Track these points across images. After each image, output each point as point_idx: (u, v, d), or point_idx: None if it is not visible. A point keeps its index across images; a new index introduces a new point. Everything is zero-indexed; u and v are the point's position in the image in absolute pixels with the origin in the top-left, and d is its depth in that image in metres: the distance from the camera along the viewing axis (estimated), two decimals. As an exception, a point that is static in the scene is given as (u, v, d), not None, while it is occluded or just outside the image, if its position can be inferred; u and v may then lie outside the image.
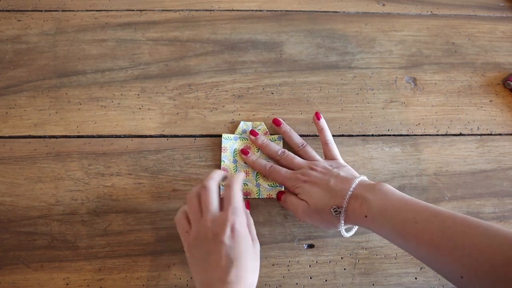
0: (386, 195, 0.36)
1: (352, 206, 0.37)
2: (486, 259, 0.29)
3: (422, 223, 0.33)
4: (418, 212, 0.34)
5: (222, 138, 0.48)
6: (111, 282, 0.41)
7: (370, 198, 0.36)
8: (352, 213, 0.37)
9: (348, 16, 0.59)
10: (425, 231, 0.32)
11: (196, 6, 0.58)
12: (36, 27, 0.56)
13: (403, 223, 0.34)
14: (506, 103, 0.53)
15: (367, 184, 0.38)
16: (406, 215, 0.34)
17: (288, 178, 0.43)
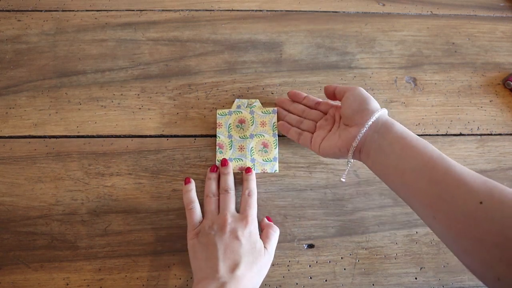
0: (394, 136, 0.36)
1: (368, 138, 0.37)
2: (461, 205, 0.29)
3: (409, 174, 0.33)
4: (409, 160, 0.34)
5: (217, 114, 0.49)
6: (111, 282, 0.41)
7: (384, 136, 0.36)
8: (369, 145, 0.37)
9: (348, 16, 0.59)
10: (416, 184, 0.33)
11: (196, 6, 0.58)
12: (36, 27, 0.56)
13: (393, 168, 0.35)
14: (506, 103, 0.53)
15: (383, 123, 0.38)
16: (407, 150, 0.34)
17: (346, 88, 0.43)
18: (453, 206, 0.29)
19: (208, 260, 0.37)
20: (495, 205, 0.27)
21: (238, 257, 0.36)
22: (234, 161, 0.47)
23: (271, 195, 0.46)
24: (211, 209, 0.41)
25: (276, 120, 0.48)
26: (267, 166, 0.46)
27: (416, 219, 0.45)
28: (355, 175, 0.47)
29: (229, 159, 0.47)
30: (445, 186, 0.30)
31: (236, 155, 0.47)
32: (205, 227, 0.39)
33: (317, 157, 0.48)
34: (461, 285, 0.43)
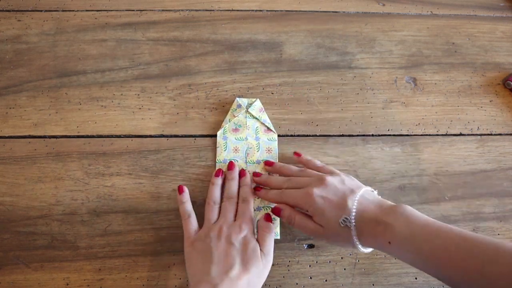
0: (410, 220, 0.34)
1: (374, 231, 0.35)
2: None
3: (452, 250, 0.31)
4: (446, 238, 0.32)
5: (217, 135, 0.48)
6: (111, 282, 0.41)
7: (394, 224, 0.34)
8: (374, 239, 0.35)
9: (348, 16, 0.59)
10: (456, 258, 0.31)
11: (196, 6, 0.58)
12: (36, 27, 0.55)
13: (432, 251, 0.32)
14: (506, 103, 0.53)
15: (387, 207, 0.36)
16: (435, 242, 0.32)
17: (300, 197, 0.39)
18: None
19: (202, 265, 0.37)
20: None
21: (232, 259, 0.36)
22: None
23: (271, 195, 0.46)
24: (209, 218, 0.41)
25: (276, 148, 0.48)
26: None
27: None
28: (355, 175, 0.47)
29: (223, 160, 0.47)
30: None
31: (231, 156, 0.47)
32: (201, 236, 0.39)
33: (317, 157, 0.48)
34: (461, 285, 0.43)
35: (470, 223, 0.45)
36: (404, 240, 0.33)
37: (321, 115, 0.51)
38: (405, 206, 0.35)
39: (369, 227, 0.35)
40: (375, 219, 0.35)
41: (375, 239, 0.35)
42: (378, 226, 0.35)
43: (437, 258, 0.32)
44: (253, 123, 0.49)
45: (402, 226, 0.34)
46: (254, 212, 0.44)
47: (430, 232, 0.33)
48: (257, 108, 0.49)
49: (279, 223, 0.44)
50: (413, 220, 0.34)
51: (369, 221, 0.35)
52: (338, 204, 0.37)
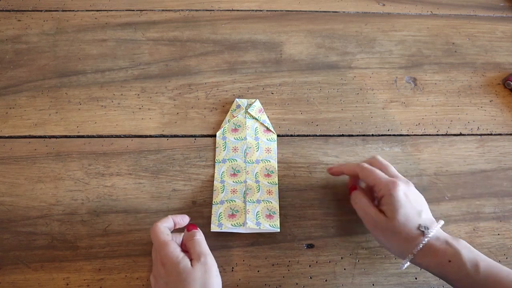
0: (471, 248, 0.34)
1: (435, 247, 0.34)
2: None
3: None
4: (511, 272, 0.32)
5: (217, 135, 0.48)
6: (111, 282, 0.41)
7: (455, 245, 0.34)
8: (433, 255, 0.34)
9: (348, 16, 0.59)
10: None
11: (196, 6, 0.58)
12: (36, 27, 0.56)
13: (496, 279, 0.32)
14: (506, 103, 0.53)
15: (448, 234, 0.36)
16: (500, 272, 0.32)
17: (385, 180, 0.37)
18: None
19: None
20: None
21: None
22: (228, 161, 0.47)
23: (271, 195, 0.46)
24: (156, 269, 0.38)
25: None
26: (272, 188, 0.45)
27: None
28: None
29: (222, 160, 0.47)
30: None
31: (230, 155, 0.47)
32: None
33: (317, 157, 0.48)
34: (461, 285, 0.43)
35: (470, 223, 0.45)
36: (466, 261, 0.33)
37: (321, 115, 0.51)
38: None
39: (432, 242, 0.35)
40: (438, 237, 0.35)
41: (435, 254, 0.34)
42: (441, 242, 0.34)
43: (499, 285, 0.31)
44: (252, 123, 0.49)
45: (465, 249, 0.34)
46: (253, 204, 0.44)
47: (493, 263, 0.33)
48: (257, 109, 0.49)
49: (278, 216, 0.44)
50: (474, 250, 0.34)
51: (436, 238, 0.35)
52: (415, 208, 0.36)
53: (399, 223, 0.35)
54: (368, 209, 0.38)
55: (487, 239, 0.45)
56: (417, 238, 0.35)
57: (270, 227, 0.43)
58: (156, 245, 0.36)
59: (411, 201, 0.37)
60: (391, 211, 0.36)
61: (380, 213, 0.37)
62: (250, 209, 0.43)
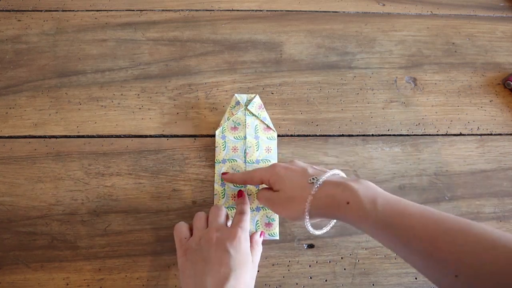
0: (372, 186, 0.34)
1: (332, 191, 0.34)
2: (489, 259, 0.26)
3: (416, 215, 0.30)
4: (410, 205, 0.31)
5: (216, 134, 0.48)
6: (111, 282, 0.41)
7: (355, 186, 0.33)
8: (331, 199, 0.34)
9: (348, 16, 0.59)
10: (419, 223, 0.29)
11: (196, 6, 0.58)
12: (36, 27, 0.56)
13: (394, 214, 0.31)
14: (506, 103, 0.53)
15: (348, 177, 0.36)
16: (398, 206, 0.31)
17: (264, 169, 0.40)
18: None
19: (196, 277, 0.35)
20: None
21: (228, 269, 0.34)
22: (228, 162, 0.47)
23: (271, 195, 0.46)
24: (197, 226, 0.39)
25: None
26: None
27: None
28: (355, 175, 0.47)
29: (222, 160, 0.46)
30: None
31: (230, 155, 0.47)
32: (192, 244, 0.37)
33: (317, 157, 0.48)
34: (461, 285, 0.43)
35: (470, 223, 0.45)
36: (364, 200, 0.32)
37: (321, 115, 0.51)
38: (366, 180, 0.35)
39: (329, 188, 0.34)
40: (336, 182, 0.35)
41: (333, 199, 0.34)
42: (338, 187, 0.34)
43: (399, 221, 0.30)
44: (252, 121, 0.48)
45: (364, 189, 0.33)
46: (252, 213, 0.44)
47: (393, 198, 0.32)
48: (257, 105, 0.49)
49: (277, 223, 0.44)
50: (376, 188, 0.34)
51: (330, 183, 0.35)
52: (299, 171, 0.37)
53: (288, 188, 0.37)
54: (265, 194, 0.39)
55: (487, 239, 0.45)
56: (310, 189, 0.35)
57: (269, 236, 0.43)
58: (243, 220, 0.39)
59: (293, 169, 0.38)
60: (279, 185, 0.37)
61: (274, 192, 0.38)
62: (250, 218, 0.43)
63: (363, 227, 0.33)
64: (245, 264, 0.35)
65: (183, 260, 0.37)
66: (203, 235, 0.37)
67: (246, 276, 0.35)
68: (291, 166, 0.39)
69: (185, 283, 0.35)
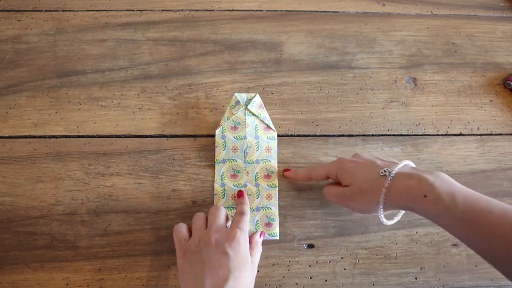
0: (449, 180, 0.33)
1: (407, 184, 0.33)
2: None
3: (498, 214, 0.29)
4: (490, 202, 0.31)
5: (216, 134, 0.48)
6: (111, 282, 0.41)
7: (431, 179, 0.32)
8: (407, 191, 0.33)
9: (348, 16, 0.59)
10: (501, 222, 0.29)
11: (196, 6, 0.58)
12: (36, 27, 0.56)
13: (474, 211, 0.30)
14: (506, 103, 0.53)
15: (421, 169, 0.36)
16: (478, 202, 0.30)
17: (331, 163, 0.40)
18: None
19: (195, 278, 0.34)
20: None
21: (227, 271, 0.34)
22: (228, 162, 0.46)
23: (271, 195, 0.46)
24: (197, 226, 0.39)
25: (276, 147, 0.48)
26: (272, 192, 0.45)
27: (416, 219, 0.45)
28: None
29: (222, 160, 0.46)
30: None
31: (230, 155, 0.47)
32: (191, 246, 0.37)
33: (317, 157, 0.48)
34: (461, 285, 0.43)
35: (470, 223, 0.45)
36: (443, 194, 0.31)
37: (321, 115, 0.51)
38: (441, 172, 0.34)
39: (403, 180, 0.34)
40: (410, 173, 0.34)
41: (409, 191, 0.33)
42: (412, 179, 0.33)
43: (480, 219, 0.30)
44: (252, 120, 0.48)
45: (441, 182, 0.33)
46: (252, 213, 0.44)
47: (472, 194, 0.32)
48: (257, 105, 0.48)
49: (277, 223, 0.44)
50: (451, 180, 0.33)
51: (402, 175, 0.34)
52: (368, 163, 0.37)
53: (360, 181, 0.37)
54: (334, 191, 0.40)
55: (487, 239, 0.45)
56: (383, 181, 0.35)
57: (269, 236, 0.43)
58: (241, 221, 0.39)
59: (361, 163, 0.38)
60: (349, 178, 0.38)
61: (343, 187, 0.39)
62: (250, 218, 0.43)
63: (440, 221, 0.33)
64: (244, 265, 0.35)
65: (182, 261, 0.37)
66: (202, 236, 0.37)
67: (245, 277, 0.35)
68: (358, 159, 0.39)
69: (185, 284, 0.35)
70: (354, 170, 0.38)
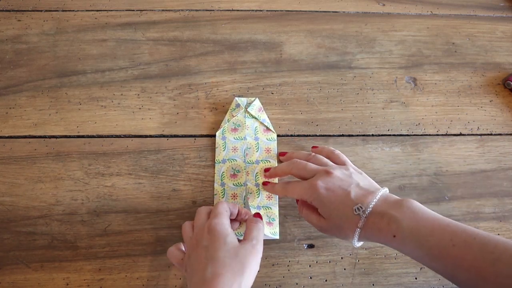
0: (416, 214, 0.33)
1: (378, 225, 0.34)
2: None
3: (461, 246, 0.30)
4: (454, 234, 0.31)
5: (216, 135, 0.48)
6: (111, 282, 0.41)
7: (399, 217, 0.33)
8: (378, 232, 0.34)
9: (348, 16, 0.59)
10: (465, 255, 0.30)
11: (196, 6, 0.58)
12: (36, 27, 0.56)
13: (439, 246, 0.31)
14: (506, 103, 0.53)
15: (393, 200, 0.35)
16: (442, 237, 0.31)
17: (305, 188, 0.39)
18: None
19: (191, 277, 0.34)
20: None
21: (204, 263, 0.33)
22: (228, 162, 0.47)
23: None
24: (185, 238, 0.38)
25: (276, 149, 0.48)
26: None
27: (416, 219, 0.45)
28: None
29: (222, 160, 0.47)
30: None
31: (230, 156, 0.47)
32: (192, 242, 0.37)
33: (317, 157, 0.48)
34: (461, 285, 0.43)
35: (470, 223, 0.45)
36: (410, 234, 0.32)
37: (321, 115, 0.51)
38: (412, 200, 0.35)
39: (375, 220, 0.34)
40: (381, 212, 0.34)
41: (380, 232, 0.34)
42: (383, 219, 0.34)
43: (444, 253, 0.31)
44: (252, 122, 0.49)
45: (408, 219, 0.33)
46: (253, 210, 0.44)
47: (437, 227, 0.32)
48: (256, 108, 0.49)
49: (278, 222, 0.44)
50: (420, 215, 0.33)
51: (375, 214, 0.35)
52: (342, 195, 0.37)
53: (335, 218, 0.37)
54: (310, 218, 0.40)
55: (487, 239, 0.45)
56: (357, 221, 0.35)
57: (270, 235, 0.43)
58: (214, 211, 0.38)
59: (335, 191, 0.37)
60: (324, 212, 0.37)
61: (319, 217, 0.38)
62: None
63: (412, 256, 0.34)
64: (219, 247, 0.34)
65: (187, 261, 0.36)
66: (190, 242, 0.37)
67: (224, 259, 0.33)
68: (332, 185, 0.37)
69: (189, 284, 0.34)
70: (329, 203, 0.37)
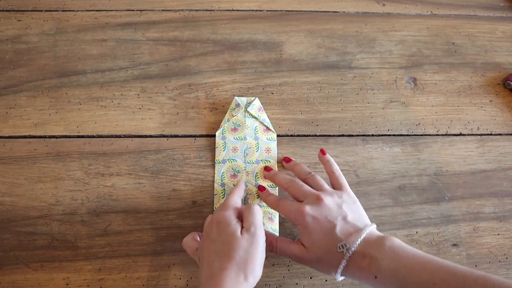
0: (397, 254, 0.34)
1: (359, 264, 0.34)
2: None
3: (440, 285, 0.31)
4: (433, 273, 0.32)
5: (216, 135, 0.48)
6: (111, 282, 0.41)
7: (379, 258, 0.33)
8: (359, 272, 0.34)
9: (348, 16, 0.59)
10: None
11: (196, 6, 0.58)
12: (36, 27, 0.56)
13: (419, 286, 0.32)
14: (506, 103, 0.53)
15: (374, 239, 0.35)
16: (421, 276, 0.32)
17: (293, 211, 0.38)
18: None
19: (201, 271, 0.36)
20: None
21: (212, 256, 0.34)
22: (228, 162, 0.47)
23: (271, 195, 0.46)
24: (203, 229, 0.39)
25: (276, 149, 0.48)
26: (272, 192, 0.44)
27: (416, 219, 0.45)
28: (355, 175, 0.47)
29: (222, 160, 0.47)
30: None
31: (230, 156, 0.47)
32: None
33: (317, 157, 0.48)
34: (461, 285, 0.43)
35: (470, 223, 0.45)
36: (390, 275, 0.33)
37: (321, 115, 0.51)
38: (393, 238, 0.35)
39: (357, 259, 0.34)
40: (363, 252, 0.34)
41: (361, 272, 0.34)
42: (364, 259, 0.34)
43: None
44: (252, 122, 0.48)
45: (388, 260, 0.33)
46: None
47: (416, 266, 0.32)
48: (256, 107, 0.49)
49: (278, 221, 0.44)
50: (400, 254, 0.33)
51: (357, 253, 0.35)
52: (327, 228, 0.36)
53: (317, 249, 0.36)
54: (290, 248, 0.38)
55: (487, 239, 0.45)
56: (340, 258, 0.35)
57: (271, 230, 0.43)
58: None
59: (322, 223, 0.36)
60: (306, 242, 0.37)
61: (300, 246, 0.37)
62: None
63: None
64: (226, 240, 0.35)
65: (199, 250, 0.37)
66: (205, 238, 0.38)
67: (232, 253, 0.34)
68: (319, 214, 0.37)
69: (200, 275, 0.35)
70: (313, 232, 0.36)
